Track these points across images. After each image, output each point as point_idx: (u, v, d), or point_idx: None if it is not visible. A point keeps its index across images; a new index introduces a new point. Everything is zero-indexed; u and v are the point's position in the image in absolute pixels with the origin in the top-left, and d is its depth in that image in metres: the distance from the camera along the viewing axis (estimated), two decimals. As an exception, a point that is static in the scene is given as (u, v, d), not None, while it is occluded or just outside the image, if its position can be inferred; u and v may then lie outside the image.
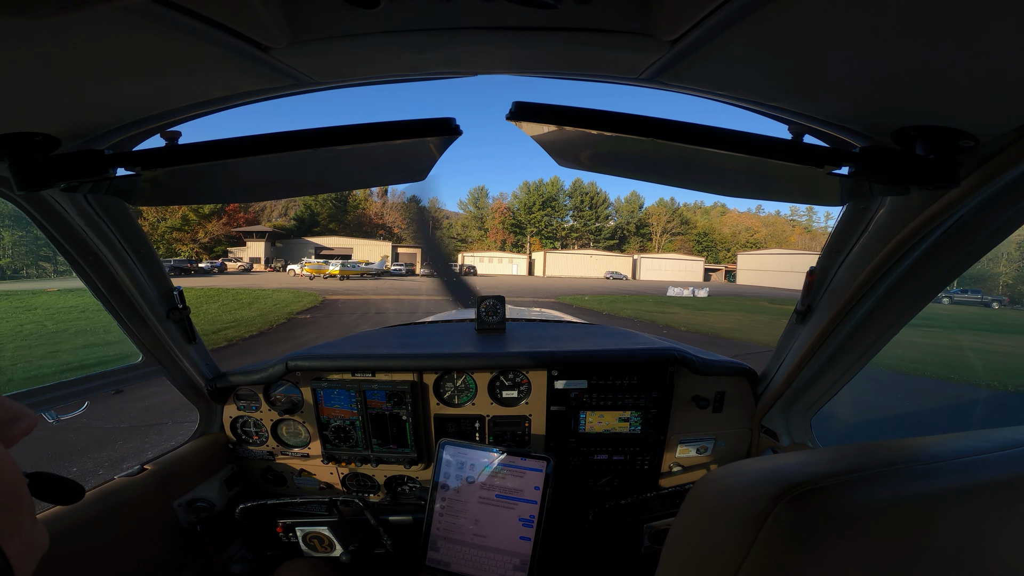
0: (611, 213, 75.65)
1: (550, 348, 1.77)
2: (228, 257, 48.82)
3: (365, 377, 1.73)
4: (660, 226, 74.40)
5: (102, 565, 1.30)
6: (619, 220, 76.11)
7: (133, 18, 0.56)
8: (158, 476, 1.53)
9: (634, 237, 75.59)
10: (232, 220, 52.89)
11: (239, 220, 53.89)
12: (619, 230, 75.44)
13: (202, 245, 49.23)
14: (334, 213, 65.60)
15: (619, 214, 76.00)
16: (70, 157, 0.88)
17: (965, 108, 0.70)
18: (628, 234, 75.68)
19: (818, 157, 0.82)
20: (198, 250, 47.93)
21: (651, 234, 75.56)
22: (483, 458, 1.49)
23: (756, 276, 54.46)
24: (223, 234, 51.38)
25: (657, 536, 1.63)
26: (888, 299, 1.17)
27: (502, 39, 0.71)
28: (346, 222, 66.63)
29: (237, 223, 53.39)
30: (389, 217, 72.18)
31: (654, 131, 0.80)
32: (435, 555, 1.45)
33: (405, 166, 1.21)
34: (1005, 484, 0.49)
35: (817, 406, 1.56)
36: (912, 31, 0.54)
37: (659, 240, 74.51)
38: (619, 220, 76.11)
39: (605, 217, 75.01)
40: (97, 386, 1.43)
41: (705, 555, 0.50)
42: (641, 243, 75.34)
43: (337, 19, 0.66)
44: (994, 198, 0.87)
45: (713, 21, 0.59)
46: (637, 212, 76.10)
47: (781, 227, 74.18)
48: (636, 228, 75.83)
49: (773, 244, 70.01)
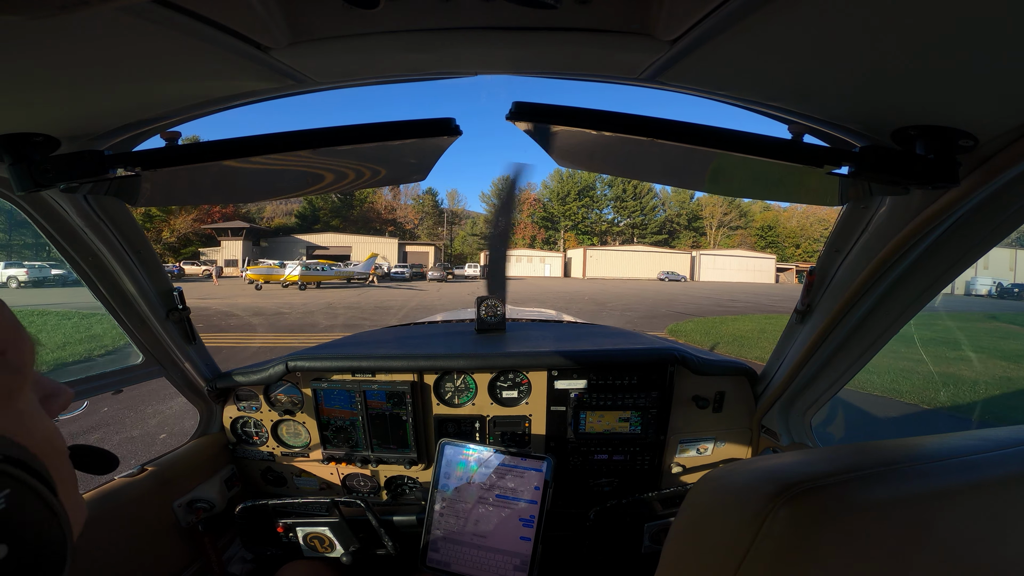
0: (657, 204, 66.00)
1: (550, 348, 1.77)
2: (199, 259, 42.40)
3: (365, 377, 1.73)
4: (716, 219, 65.46)
5: (102, 565, 1.30)
6: (668, 212, 66.95)
7: (133, 18, 0.56)
8: (158, 476, 1.53)
9: (685, 232, 67.00)
10: (206, 215, 45.75)
11: (214, 215, 46.56)
12: (668, 223, 66.91)
13: (167, 246, 42.42)
14: (338, 208, 60.85)
15: (666, 205, 66.82)
16: (70, 158, 0.88)
17: (965, 108, 0.70)
18: (679, 228, 67.28)
19: (818, 157, 0.82)
20: (161, 251, 39.31)
21: (705, 228, 66.74)
22: (483, 458, 1.49)
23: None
24: (192, 232, 44.68)
25: (657, 536, 1.63)
26: (888, 299, 1.17)
27: (502, 39, 0.71)
28: (351, 219, 61.76)
29: (212, 219, 46.14)
30: (400, 212, 66.89)
31: (654, 131, 0.80)
32: (435, 555, 1.45)
33: (405, 165, 1.21)
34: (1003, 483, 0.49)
35: (817, 406, 1.56)
36: (912, 31, 0.54)
37: (714, 235, 65.83)
38: (668, 212, 66.95)
39: (651, 209, 65.77)
40: (97, 386, 1.43)
41: (705, 555, 0.50)
42: (694, 238, 66.83)
43: (337, 19, 0.66)
44: (994, 198, 0.87)
45: (713, 21, 0.59)
46: (688, 203, 66.01)
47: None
48: (688, 221, 66.86)
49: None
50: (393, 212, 67.12)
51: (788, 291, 37.13)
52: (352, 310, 15.96)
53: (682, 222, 67.15)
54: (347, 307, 16.89)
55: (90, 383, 1.41)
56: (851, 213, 1.15)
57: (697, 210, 66.83)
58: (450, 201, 69.68)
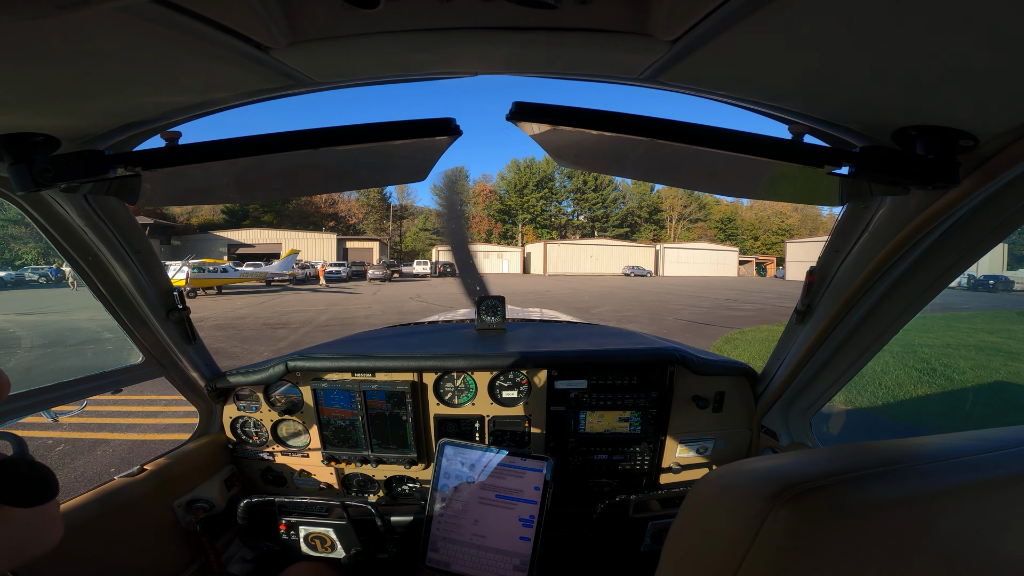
0: (619, 196, 63.89)
1: (550, 348, 1.77)
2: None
3: (365, 377, 1.73)
4: (676, 211, 64.45)
5: (101, 565, 1.30)
6: (629, 204, 65.07)
7: (133, 18, 0.56)
8: (158, 476, 1.53)
9: (646, 225, 65.32)
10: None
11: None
12: (629, 215, 65.21)
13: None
14: (270, 202, 53.35)
15: (627, 198, 64.81)
16: (70, 157, 0.88)
17: (965, 108, 0.70)
18: (640, 221, 65.33)
19: (818, 157, 0.82)
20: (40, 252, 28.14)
21: (665, 221, 65.24)
22: (483, 458, 1.49)
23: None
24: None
25: (657, 535, 1.63)
26: (888, 298, 1.17)
27: (502, 39, 0.71)
28: (286, 213, 54.43)
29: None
30: (343, 206, 60.43)
31: (654, 131, 0.80)
32: (435, 555, 1.45)
33: (405, 166, 1.21)
34: (1004, 483, 0.49)
35: (817, 406, 1.56)
36: (912, 31, 0.54)
37: (675, 227, 64.78)
38: (629, 204, 65.07)
39: (613, 201, 63.51)
40: (97, 386, 1.43)
41: (705, 554, 0.50)
42: (655, 231, 65.41)
43: (337, 19, 0.66)
44: (993, 198, 0.87)
45: (713, 21, 0.59)
46: (649, 195, 64.26)
47: (815, 211, 62.27)
48: (649, 214, 65.08)
49: (806, 231, 61.46)
50: (334, 206, 60.03)
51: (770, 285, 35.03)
52: (223, 331, 10.95)
53: (643, 215, 65.43)
54: (219, 327, 11.74)
55: (90, 383, 1.41)
56: (851, 213, 1.15)
57: (657, 202, 65.29)
58: (399, 194, 63.90)
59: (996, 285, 21.17)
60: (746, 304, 18.95)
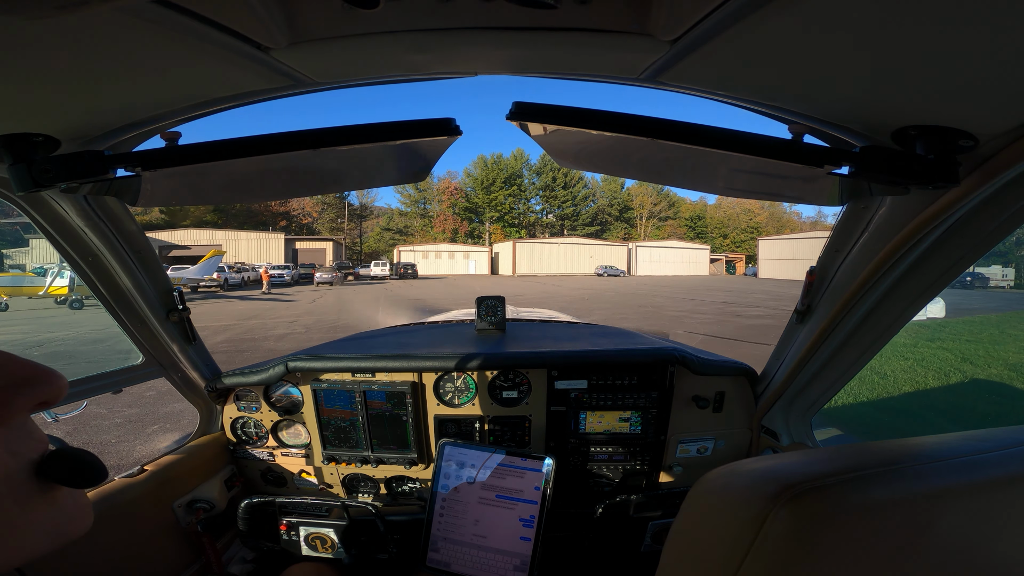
0: (589, 194, 62.28)
1: (550, 348, 1.77)
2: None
3: (365, 378, 1.73)
4: (646, 209, 63.88)
5: (101, 566, 1.30)
6: (600, 203, 63.64)
7: (132, 18, 0.56)
8: (157, 477, 1.53)
9: (616, 223, 64.37)
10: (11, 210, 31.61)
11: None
12: (600, 214, 63.90)
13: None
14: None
15: (597, 195, 63.53)
16: (70, 158, 0.88)
17: (965, 108, 0.70)
18: (610, 219, 64.32)
19: (818, 157, 0.82)
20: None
21: (635, 219, 64.61)
22: (483, 458, 1.49)
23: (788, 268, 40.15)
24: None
25: (658, 535, 1.63)
26: (888, 298, 1.17)
27: (502, 39, 0.71)
28: (231, 212, 50.82)
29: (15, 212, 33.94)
30: (295, 204, 56.55)
31: (654, 131, 0.80)
32: (435, 555, 1.45)
33: (405, 166, 1.21)
34: (1004, 483, 0.49)
35: (817, 406, 1.56)
36: (912, 31, 0.54)
37: (645, 225, 64.01)
38: (600, 203, 63.64)
39: (583, 199, 61.85)
40: (97, 386, 1.43)
41: (705, 554, 0.50)
42: (625, 229, 64.82)
43: (337, 19, 0.66)
44: (993, 198, 0.87)
45: (712, 21, 0.59)
46: (619, 192, 63.21)
47: (781, 209, 63.21)
48: (620, 212, 64.26)
49: (773, 229, 61.07)
50: (286, 204, 56.29)
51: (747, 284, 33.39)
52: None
53: (614, 212, 63.88)
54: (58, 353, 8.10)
55: (90, 383, 1.41)
56: (851, 213, 1.15)
57: (628, 200, 63.96)
58: (358, 193, 60.24)
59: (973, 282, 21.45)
60: (750, 308, 16.91)
